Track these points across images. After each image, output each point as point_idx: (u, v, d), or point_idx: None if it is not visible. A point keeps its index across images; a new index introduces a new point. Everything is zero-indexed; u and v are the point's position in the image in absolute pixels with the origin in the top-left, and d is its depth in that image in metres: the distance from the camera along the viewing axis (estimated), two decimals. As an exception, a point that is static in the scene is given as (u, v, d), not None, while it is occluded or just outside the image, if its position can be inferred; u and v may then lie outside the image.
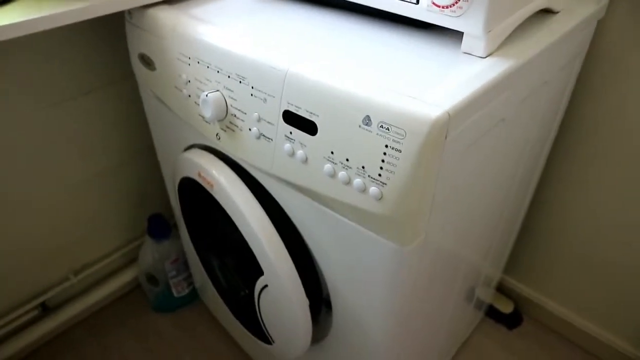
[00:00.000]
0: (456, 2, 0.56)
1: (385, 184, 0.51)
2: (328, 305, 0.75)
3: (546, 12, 0.72)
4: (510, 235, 1.10)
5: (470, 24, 0.56)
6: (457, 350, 1.24)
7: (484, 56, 0.59)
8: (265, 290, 0.75)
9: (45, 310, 1.24)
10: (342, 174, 0.55)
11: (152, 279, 1.31)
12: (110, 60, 1.09)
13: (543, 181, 1.11)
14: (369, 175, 0.52)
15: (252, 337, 0.93)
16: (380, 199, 0.52)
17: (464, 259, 0.83)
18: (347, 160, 0.53)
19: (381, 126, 0.49)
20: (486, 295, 1.22)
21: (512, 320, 1.31)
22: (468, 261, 0.86)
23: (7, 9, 0.65)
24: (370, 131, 0.50)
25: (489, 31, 0.57)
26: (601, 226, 1.07)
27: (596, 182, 1.03)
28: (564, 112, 0.94)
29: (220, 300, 1.03)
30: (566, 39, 0.70)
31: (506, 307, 1.31)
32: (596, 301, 1.17)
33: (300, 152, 0.58)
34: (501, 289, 1.36)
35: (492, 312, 1.32)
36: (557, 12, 0.73)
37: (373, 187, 0.52)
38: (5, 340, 1.19)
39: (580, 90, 0.95)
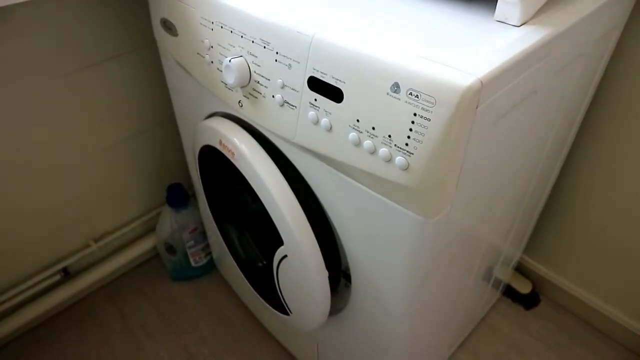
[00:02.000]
0: (492, -34, 0.53)
1: (412, 153, 0.50)
2: (347, 277, 0.74)
3: (585, -20, 0.69)
4: (532, 214, 1.08)
5: (506, -10, 0.54)
6: (474, 328, 1.24)
7: (518, 24, 0.56)
8: (284, 260, 0.74)
9: (67, 275, 1.26)
10: (367, 142, 0.53)
11: (170, 248, 1.32)
12: (134, 27, 1.08)
13: (569, 160, 1.09)
14: (395, 145, 0.51)
15: (269, 307, 0.93)
16: (406, 169, 0.51)
17: (486, 236, 0.82)
18: (373, 128, 0.52)
19: (410, 93, 0.48)
20: (504, 274, 1.20)
21: (529, 301, 1.30)
22: (490, 238, 0.85)
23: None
24: (398, 99, 0.49)
25: (525, -2, 0.54)
26: (625, 209, 1.04)
27: (623, 163, 1.00)
28: (596, 87, 0.91)
29: (237, 271, 1.03)
30: (605, 9, 0.66)
31: (524, 287, 1.30)
32: (615, 284, 1.15)
33: (324, 120, 0.57)
34: (520, 269, 1.34)
35: (509, 292, 1.31)
36: (596, -19, 0.69)
37: (399, 157, 0.51)
38: (28, 303, 1.21)
39: (616, 65, 0.91)
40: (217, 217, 1.00)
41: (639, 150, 0.96)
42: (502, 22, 0.57)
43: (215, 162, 0.84)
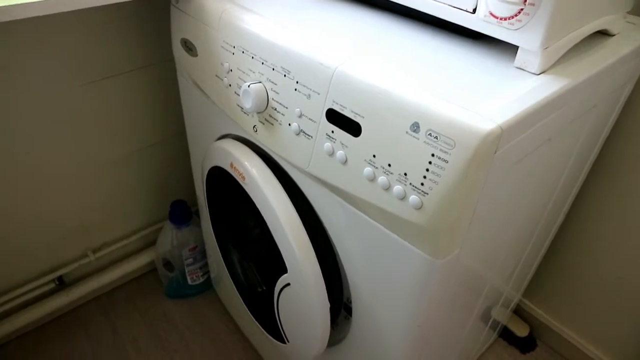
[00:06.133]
0: (516, 15, 0.54)
1: (427, 193, 0.50)
2: (348, 309, 0.73)
3: (602, 34, 0.70)
4: (536, 256, 1.07)
5: (528, 39, 0.54)
6: (468, 368, 1.22)
7: (538, 73, 0.57)
8: (286, 288, 0.74)
9: (62, 284, 1.25)
10: (382, 178, 0.53)
11: (168, 264, 1.31)
12: (149, 43, 1.09)
13: (575, 207, 1.09)
14: (410, 183, 0.51)
15: (265, 334, 0.92)
16: (419, 209, 0.51)
17: (490, 278, 0.81)
18: (389, 165, 0.52)
19: (429, 134, 0.48)
20: (503, 316, 1.19)
21: (526, 345, 1.28)
22: (493, 280, 0.84)
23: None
24: (417, 138, 0.49)
25: (546, 48, 0.55)
26: (628, 261, 1.04)
27: (628, 215, 1.00)
28: (606, 136, 0.92)
29: (234, 293, 1.02)
30: (620, 63, 0.67)
31: (521, 331, 1.28)
32: (613, 334, 1.14)
33: (340, 153, 0.57)
34: (518, 312, 1.33)
35: (506, 334, 1.30)
36: (614, 35, 0.71)
37: (413, 196, 0.51)
38: (20, 310, 1.20)
39: (627, 116, 0.92)
40: (220, 238, 1.00)
41: (645, 202, 0.96)
42: (521, 69, 0.58)
43: (224, 183, 0.85)
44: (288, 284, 0.73)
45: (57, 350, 1.21)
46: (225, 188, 0.86)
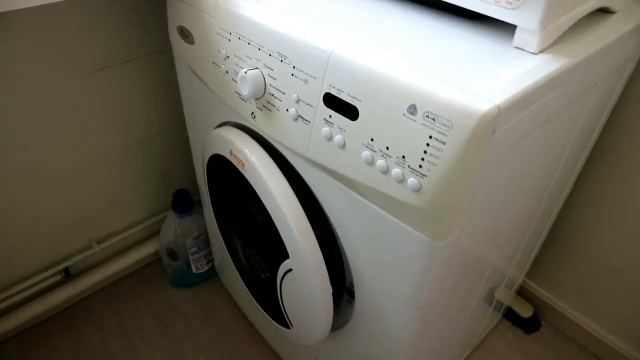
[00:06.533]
0: (513, -7, 0.53)
1: (426, 175, 0.50)
2: (350, 294, 0.74)
3: (603, 11, 0.69)
4: (537, 238, 1.07)
5: (526, 18, 0.54)
6: (473, 349, 1.23)
7: (537, 52, 0.56)
8: (288, 274, 0.74)
9: (68, 276, 1.26)
10: (380, 162, 0.53)
11: (172, 253, 1.32)
12: (146, 33, 1.08)
13: (577, 187, 1.08)
14: (408, 166, 0.51)
15: (270, 319, 0.93)
16: (418, 191, 0.51)
17: (492, 259, 0.81)
18: (387, 148, 0.52)
19: (427, 116, 0.48)
20: (506, 297, 1.20)
21: (530, 325, 1.29)
22: (495, 262, 0.84)
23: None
24: (414, 120, 0.49)
25: (544, 27, 0.54)
26: (631, 238, 1.04)
27: (631, 194, 0.99)
28: (608, 117, 0.91)
29: (238, 280, 1.03)
30: (622, 41, 0.67)
31: (525, 311, 1.29)
32: (617, 313, 1.14)
33: (338, 137, 0.57)
34: (522, 293, 1.34)
35: (510, 315, 1.30)
36: (615, 13, 0.70)
37: (412, 178, 0.51)
38: (27, 302, 1.21)
39: (629, 95, 0.91)
40: (222, 226, 1.00)
41: (648, 181, 0.96)
42: (520, 48, 0.57)
43: (224, 171, 0.85)
44: (290, 270, 0.73)
45: (64, 341, 1.23)
46: (226, 176, 0.86)
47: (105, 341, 1.23)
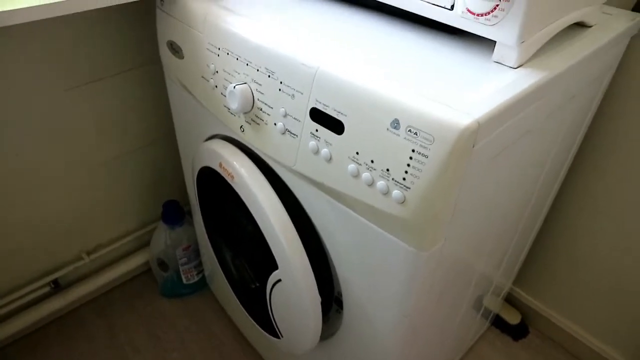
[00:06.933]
0: (492, 11, 0.55)
1: (409, 188, 0.51)
2: (339, 303, 0.75)
3: (580, 25, 0.71)
4: (523, 246, 1.09)
5: (504, 34, 0.56)
6: (462, 357, 1.24)
7: (515, 66, 0.58)
8: (278, 284, 0.75)
9: (57, 287, 1.26)
10: (365, 175, 0.55)
11: (162, 264, 1.32)
12: (136, 46, 1.09)
13: (560, 195, 1.11)
14: (393, 179, 0.52)
15: (260, 329, 0.94)
16: (402, 203, 0.52)
17: (478, 268, 0.83)
18: (372, 162, 0.54)
19: (409, 130, 0.49)
20: (494, 305, 1.21)
21: (518, 332, 1.30)
22: (481, 270, 0.86)
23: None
24: (398, 135, 0.50)
25: (522, 42, 0.56)
26: (614, 245, 1.06)
27: (613, 200, 1.02)
28: (587, 127, 0.93)
29: (229, 291, 1.03)
30: (598, 54, 0.69)
31: (513, 318, 1.31)
32: (604, 319, 1.16)
33: (325, 151, 0.58)
34: (509, 300, 1.35)
35: (498, 322, 1.32)
36: (590, 27, 0.72)
37: (396, 191, 0.52)
38: (17, 314, 1.21)
39: (607, 106, 0.94)
40: (212, 237, 1.01)
41: (629, 187, 0.98)
42: (499, 63, 0.59)
43: (214, 183, 0.86)
44: (279, 280, 0.74)
45: (55, 352, 1.22)
46: (216, 187, 0.87)
47: (97, 352, 1.23)
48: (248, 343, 1.25)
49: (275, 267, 0.73)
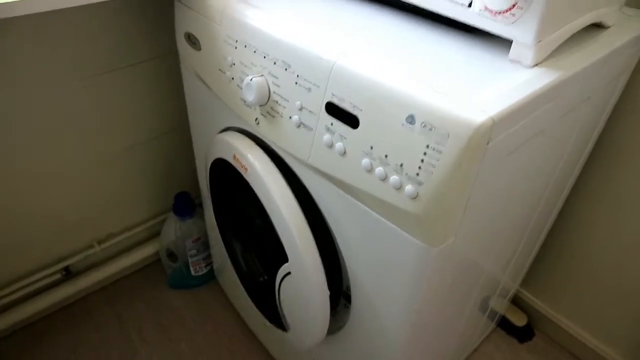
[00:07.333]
0: (510, 9, 0.55)
1: (422, 183, 0.52)
2: (347, 297, 0.75)
3: (597, 26, 0.71)
4: (532, 248, 1.09)
5: (522, 33, 0.56)
6: (467, 357, 1.24)
7: (531, 65, 0.59)
8: (287, 277, 0.76)
9: (68, 274, 1.28)
10: (379, 169, 0.55)
11: (171, 255, 1.33)
12: (153, 36, 1.10)
13: (571, 198, 1.10)
14: (406, 174, 0.53)
15: (267, 322, 0.94)
16: (415, 198, 0.53)
17: (486, 267, 0.83)
18: (386, 156, 0.54)
19: (424, 126, 0.50)
20: (501, 306, 1.21)
21: (523, 334, 1.30)
22: (489, 269, 0.86)
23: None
24: (412, 130, 0.51)
25: (539, 41, 0.57)
26: (624, 250, 1.06)
27: (625, 205, 1.01)
28: (601, 129, 0.93)
29: (237, 283, 1.04)
30: (614, 55, 0.69)
31: (519, 320, 1.30)
32: (610, 323, 1.16)
33: (339, 144, 0.59)
34: (516, 302, 1.35)
35: (504, 324, 1.32)
36: (607, 28, 0.72)
37: (409, 186, 0.53)
38: (28, 299, 1.23)
39: (622, 109, 0.93)
40: (223, 229, 1.02)
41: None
42: (515, 61, 0.60)
43: (227, 175, 0.86)
44: (289, 273, 0.75)
45: (63, 339, 1.24)
46: (228, 180, 0.88)
47: (104, 340, 1.24)
48: (254, 335, 1.26)
49: (284, 260, 0.74)
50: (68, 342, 1.23)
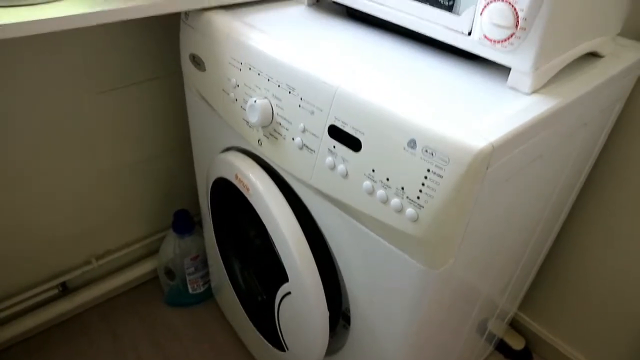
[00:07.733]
0: (509, 38, 0.57)
1: (423, 206, 0.52)
2: (346, 319, 0.76)
3: (593, 55, 0.73)
4: (530, 271, 1.10)
5: (520, 61, 0.58)
6: (464, 380, 1.23)
7: (529, 93, 0.60)
8: (287, 297, 0.76)
9: (65, 290, 1.27)
10: (380, 192, 0.56)
11: (169, 272, 1.33)
12: (158, 56, 1.12)
13: (568, 221, 1.11)
14: (407, 197, 0.54)
15: (265, 342, 0.94)
16: (415, 221, 0.54)
17: (484, 290, 0.83)
18: (388, 179, 0.55)
19: (426, 150, 0.51)
20: (499, 329, 1.21)
21: (521, 357, 1.30)
22: (487, 292, 0.86)
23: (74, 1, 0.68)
24: (414, 154, 0.52)
25: (537, 69, 0.58)
26: (622, 274, 1.06)
27: (620, 229, 1.02)
28: (597, 154, 0.95)
29: (234, 302, 1.04)
30: (610, 83, 0.70)
31: (517, 344, 1.30)
32: (607, 347, 1.16)
33: (341, 167, 0.60)
34: (514, 325, 1.35)
35: (502, 347, 1.31)
36: (603, 56, 0.74)
37: (410, 209, 0.54)
38: (24, 315, 1.22)
39: (617, 135, 0.95)
40: (222, 247, 1.02)
41: (636, 217, 0.99)
42: (514, 88, 0.61)
43: (228, 194, 0.87)
44: (289, 293, 0.75)
45: (59, 355, 1.23)
46: (229, 199, 0.89)
47: (99, 357, 1.23)
48: (251, 355, 1.25)
49: (284, 279, 0.74)
50: (63, 358, 1.22)
